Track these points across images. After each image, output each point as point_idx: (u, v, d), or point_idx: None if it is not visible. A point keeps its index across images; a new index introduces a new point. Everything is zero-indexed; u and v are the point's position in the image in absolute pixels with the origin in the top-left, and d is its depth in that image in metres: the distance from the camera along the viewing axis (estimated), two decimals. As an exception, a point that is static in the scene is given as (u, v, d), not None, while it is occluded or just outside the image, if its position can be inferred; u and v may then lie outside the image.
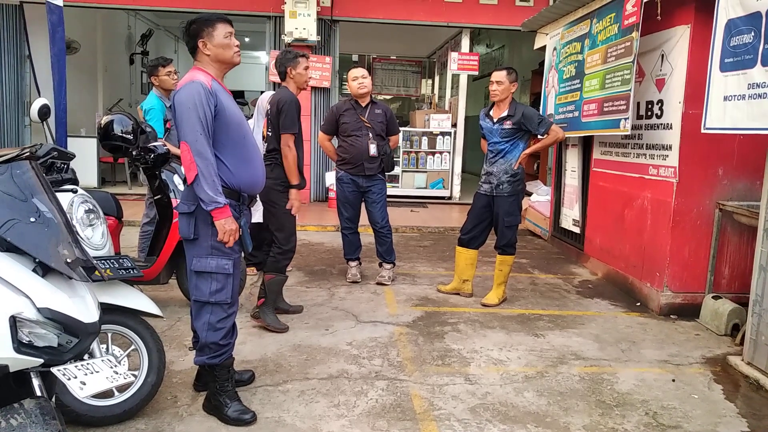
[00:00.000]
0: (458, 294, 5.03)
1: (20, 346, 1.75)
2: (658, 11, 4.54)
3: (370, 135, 5.05)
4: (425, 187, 10.28)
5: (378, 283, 5.29)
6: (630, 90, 4.74)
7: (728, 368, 3.71)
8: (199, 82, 2.67)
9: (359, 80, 5.01)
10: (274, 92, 4.59)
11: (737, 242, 4.61)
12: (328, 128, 5.25)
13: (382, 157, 5.11)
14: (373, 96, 5.25)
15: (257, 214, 4.47)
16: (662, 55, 4.78)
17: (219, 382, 2.88)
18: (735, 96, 3.54)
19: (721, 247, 4.59)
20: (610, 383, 3.45)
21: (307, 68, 4.13)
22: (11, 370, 1.77)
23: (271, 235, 4.14)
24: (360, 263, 5.43)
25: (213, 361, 2.86)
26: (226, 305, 2.82)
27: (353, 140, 5.08)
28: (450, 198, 10.32)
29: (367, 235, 5.59)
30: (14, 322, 1.75)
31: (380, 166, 5.15)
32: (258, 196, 4.17)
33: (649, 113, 4.96)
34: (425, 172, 10.27)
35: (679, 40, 4.56)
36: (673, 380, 3.52)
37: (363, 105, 5.10)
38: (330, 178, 9.30)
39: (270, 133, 4.14)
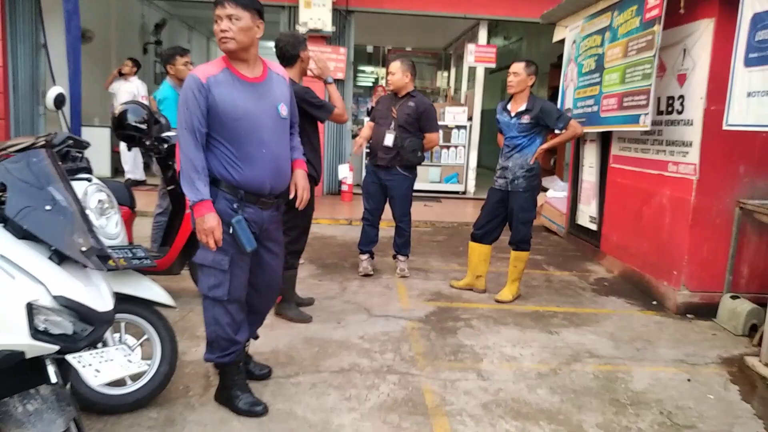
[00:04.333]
0: (471, 290, 5.00)
1: (36, 333, 1.75)
2: (681, 4, 4.47)
3: (392, 125, 5.03)
4: (439, 182, 10.22)
5: (401, 277, 5.31)
6: (651, 85, 4.67)
7: (745, 369, 3.66)
8: (193, 75, 2.56)
9: (389, 75, 5.11)
10: None
11: (757, 242, 4.54)
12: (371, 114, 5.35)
13: (399, 149, 5.03)
14: (415, 91, 5.20)
15: None
16: (684, 50, 4.70)
17: (229, 376, 2.87)
18: (759, 92, 3.48)
19: (741, 247, 4.52)
20: (625, 382, 3.41)
21: None
22: (27, 356, 1.77)
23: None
24: (372, 257, 5.41)
25: (223, 360, 2.84)
26: (224, 301, 2.73)
27: (377, 128, 5.12)
28: (464, 192, 10.26)
29: (382, 230, 5.52)
30: (30, 309, 1.75)
31: (396, 159, 5.06)
32: None
33: (670, 109, 4.88)
34: (439, 166, 10.20)
35: (702, 34, 4.48)
36: (689, 380, 3.48)
37: (399, 96, 5.11)
38: (343, 171, 9.28)
39: None
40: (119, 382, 2.71)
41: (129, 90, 8.57)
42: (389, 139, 5.01)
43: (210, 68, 2.61)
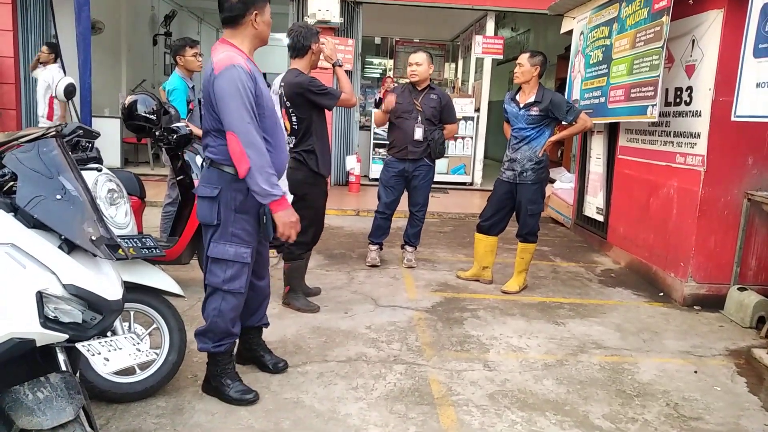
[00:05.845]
0: (478, 280, 5.01)
1: (46, 322, 1.77)
2: (691, -5, 4.44)
3: (419, 119, 5.04)
4: (446, 173, 10.19)
5: (408, 267, 5.32)
6: (658, 76, 4.64)
7: (752, 361, 3.65)
8: (239, 65, 2.53)
9: (413, 67, 5.07)
10: (283, 76, 4.12)
11: (765, 233, 4.52)
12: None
13: (429, 142, 5.07)
14: (433, 83, 5.26)
15: None
16: (693, 41, 4.67)
17: (220, 366, 2.87)
18: (769, 83, 3.45)
19: (749, 238, 4.50)
20: (631, 373, 3.42)
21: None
22: (38, 344, 1.79)
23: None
24: (381, 248, 5.43)
25: (218, 350, 2.85)
26: (239, 294, 2.79)
27: (401, 122, 5.09)
28: (471, 184, 10.25)
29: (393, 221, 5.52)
30: (41, 297, 1.76)
31: (426, 151, 5.10)
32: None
33: (678, 100, 4.85)
34: (447, 157, 10.14)
35: (711, 25, 4.44)
36: (696, 372, 3.48)
37: (419, 89, 5.11)
38: (350, 162, 9.28)
39: (296, 126, 3.98)
40: (128, 371, 2.73)
41: (44, 78, 7.33)
42: (419, 133, 5.04)
43: (241, 58, 2.60)
